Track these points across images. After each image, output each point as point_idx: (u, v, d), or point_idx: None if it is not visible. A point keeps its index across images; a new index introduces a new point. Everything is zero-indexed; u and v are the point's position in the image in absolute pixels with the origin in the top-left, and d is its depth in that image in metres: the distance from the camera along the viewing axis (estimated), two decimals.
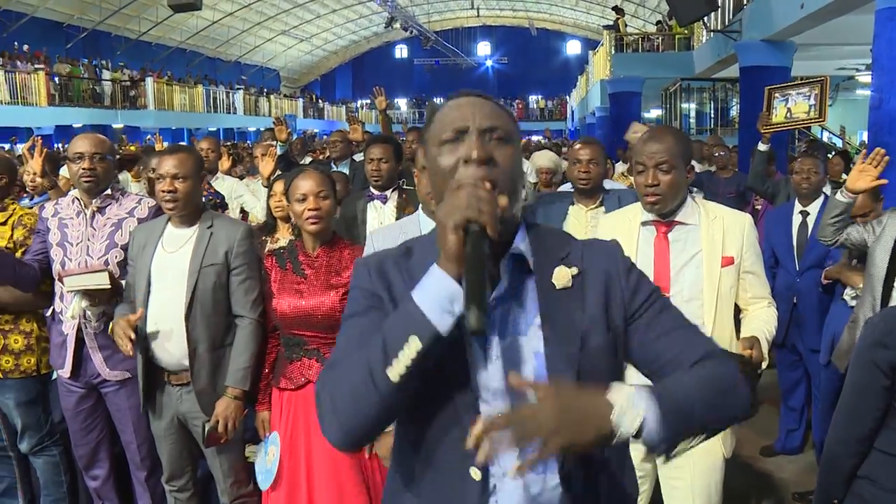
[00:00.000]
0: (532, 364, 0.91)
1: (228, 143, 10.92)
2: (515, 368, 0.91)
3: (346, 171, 4.38)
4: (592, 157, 2.57)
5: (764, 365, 1.64)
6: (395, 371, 0.82)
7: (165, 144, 5.71)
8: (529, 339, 0.92)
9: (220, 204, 3.38)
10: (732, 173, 5.13)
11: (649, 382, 0.92)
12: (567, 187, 3.68)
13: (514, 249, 0.94)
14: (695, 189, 4.77)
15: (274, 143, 4.51)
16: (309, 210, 1.93)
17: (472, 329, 0.77)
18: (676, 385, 0.88)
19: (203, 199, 2.29)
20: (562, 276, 0.94)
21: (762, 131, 3.84)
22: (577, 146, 2.65)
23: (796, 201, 3.18)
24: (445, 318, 0.83)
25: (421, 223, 1.99)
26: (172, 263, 2.08)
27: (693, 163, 1.83)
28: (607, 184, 2.84)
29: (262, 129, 14.22)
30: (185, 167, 2.04)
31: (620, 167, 5.91)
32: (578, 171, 2.58)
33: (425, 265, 0.88)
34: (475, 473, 0.90)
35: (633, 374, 1.01)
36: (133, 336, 1.93)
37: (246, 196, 3.82)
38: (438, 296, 0.83)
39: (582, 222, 2.65)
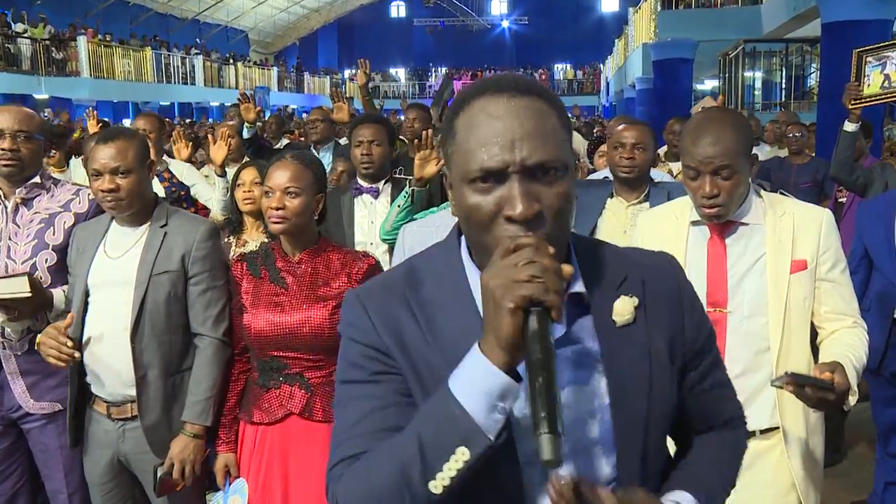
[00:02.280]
0: (599, 418, 0.94)
1: (186, 122, 10.93)
2: (581, 426, 0.92)
3: (328, 157, 4.37)
4: (639, 140, 2.59)
5: (853, 400, 1.58)
6: (439, 484, 0.82)
7: (106, 122, 5.72)
8: (592, 389, 0.93)
9: (185, 198, 3.36)
10: (809, 159, 5.07)
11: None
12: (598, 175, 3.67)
13: (572, 289, 0.93)
14: (757, 182, 4.76)
15: (233, 122, 4.49)
16: (272, 208, 1.97)
17: (546, 460, 0.75)
18: (708, 474, 1.04)
19: (155, 192, 2.26)
20: (623, 309, 0.95)
21: (850, 107, 3.77)
22: (621, 127, 2.69)
23: None
24: (495, 418, 0.81)
25: None
26: (116, 271, 2.06)
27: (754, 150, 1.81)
28: (655, 175, 2.81)
29: (226, 104, 14.27)
30: (127, 158, 2.02)
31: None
32: (620, 157, 2.59)
33: (447, 306, 0.92)
34: None
35: None
36: (70, 343, 1.92)
37: (199, 186, 3.81)
38: (486, 392, 0.80)
39: (620, 219, 2.64)
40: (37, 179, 2.29)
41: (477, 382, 0.81)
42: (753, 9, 13.13)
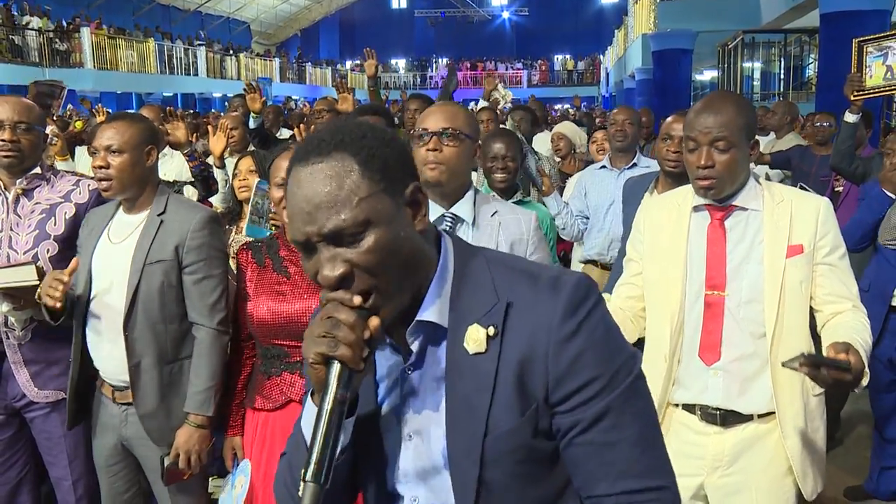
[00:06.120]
0: (441, 446, 0.94)
1: (189, 112, 10.90)
2: (427, 451, 0.96)
3: None
4: None
5: (865, 380, 1.55)
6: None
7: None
8: (440, 416, 0.95)
9: (211, 176, 3.32)
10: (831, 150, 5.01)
11: None
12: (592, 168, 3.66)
13: (420, 316, 0.94)
14: (764, 172, 4.69)
15: (237, 113, 4.46)
16: None
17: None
18: None
19: (161, 180, 2.25)
20: (474, 338, 0.92)
21: (853, 98, 3.72)
22: (671, 119, 2.62)
23: None
24: None
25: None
26: (115, 257, 2.06)
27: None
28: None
29: (229, 95, 14.22)
30: (122, 138, 2.02)
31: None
32: (668, 150, 2.53)
33: None
34: None
35: None
36: (66, 279, 1.91)
37: (197, 184, 3.79)
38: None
39: None
40: (37, 170, 2.28)
41: (308, 420, 0.93)
42: (752, 0, 13.06)
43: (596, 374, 0.89)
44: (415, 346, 0.96)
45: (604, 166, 3.59)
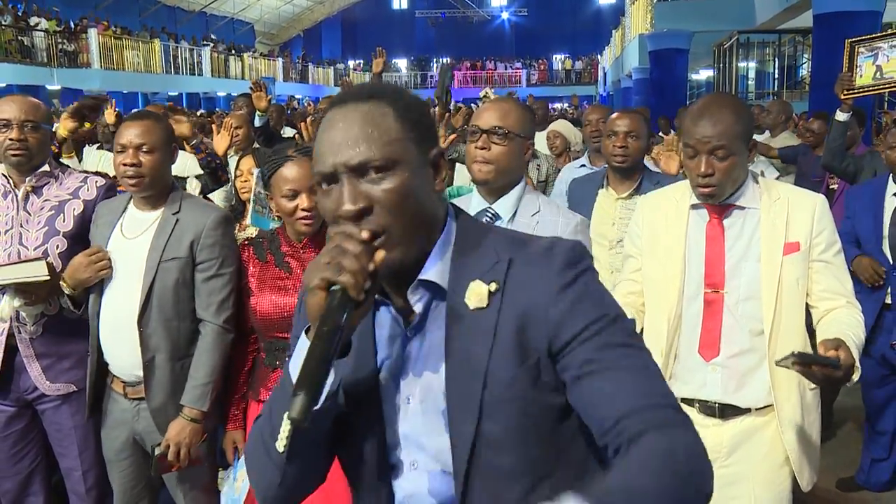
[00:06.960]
0: (441, 407, 0.94)
1: (198, 113, 10.92)
2: (426, 414, 0.95)
3: None
4: (632, 128, 2.56)
5: (856, 376, 1.56)
6: (280, 444, 0.92)
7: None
8: (440, 378, 0.94)
9: (220, 167, 3.31)
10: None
11: None
12: (578, 164, 3.65)
13: (422, 275, 0.94)
14: (761, 170, 4.70)
15: (242, 112, 4.47)
16: (303, 210, 1.94)
17: (291, 417, 0.80)
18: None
19: (174, 178, 2.26)
20: (476, 293, 0.92)
21: (843, 97, 3.72)
22: (615, 115, 2.65)
23: (890, 179, 3.10)
24: None
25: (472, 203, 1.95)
26: (129, 253, 2.07)
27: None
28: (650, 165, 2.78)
29: (233, 94, 14.22)
30: (153, 137, 2.04)
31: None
32: (613, 146, 2.55)
33: None
34: None
35: None
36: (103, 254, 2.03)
37: (203, 176, 3.79)
38: None
39: (608, 211, 2.61)
40: (46, 168, 2.28)
41: (300, 356, 0.89)
42: (747, 0, 13.05)
43: (597, 315, 0.90)
44: (417, 308, 0.95)
45: (583, 165, 3.53)
